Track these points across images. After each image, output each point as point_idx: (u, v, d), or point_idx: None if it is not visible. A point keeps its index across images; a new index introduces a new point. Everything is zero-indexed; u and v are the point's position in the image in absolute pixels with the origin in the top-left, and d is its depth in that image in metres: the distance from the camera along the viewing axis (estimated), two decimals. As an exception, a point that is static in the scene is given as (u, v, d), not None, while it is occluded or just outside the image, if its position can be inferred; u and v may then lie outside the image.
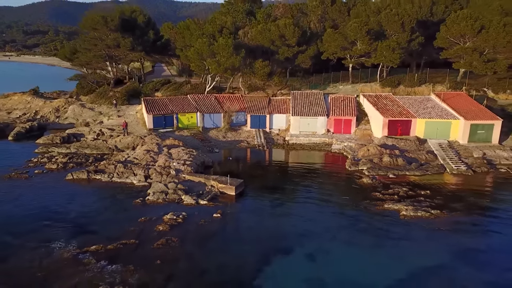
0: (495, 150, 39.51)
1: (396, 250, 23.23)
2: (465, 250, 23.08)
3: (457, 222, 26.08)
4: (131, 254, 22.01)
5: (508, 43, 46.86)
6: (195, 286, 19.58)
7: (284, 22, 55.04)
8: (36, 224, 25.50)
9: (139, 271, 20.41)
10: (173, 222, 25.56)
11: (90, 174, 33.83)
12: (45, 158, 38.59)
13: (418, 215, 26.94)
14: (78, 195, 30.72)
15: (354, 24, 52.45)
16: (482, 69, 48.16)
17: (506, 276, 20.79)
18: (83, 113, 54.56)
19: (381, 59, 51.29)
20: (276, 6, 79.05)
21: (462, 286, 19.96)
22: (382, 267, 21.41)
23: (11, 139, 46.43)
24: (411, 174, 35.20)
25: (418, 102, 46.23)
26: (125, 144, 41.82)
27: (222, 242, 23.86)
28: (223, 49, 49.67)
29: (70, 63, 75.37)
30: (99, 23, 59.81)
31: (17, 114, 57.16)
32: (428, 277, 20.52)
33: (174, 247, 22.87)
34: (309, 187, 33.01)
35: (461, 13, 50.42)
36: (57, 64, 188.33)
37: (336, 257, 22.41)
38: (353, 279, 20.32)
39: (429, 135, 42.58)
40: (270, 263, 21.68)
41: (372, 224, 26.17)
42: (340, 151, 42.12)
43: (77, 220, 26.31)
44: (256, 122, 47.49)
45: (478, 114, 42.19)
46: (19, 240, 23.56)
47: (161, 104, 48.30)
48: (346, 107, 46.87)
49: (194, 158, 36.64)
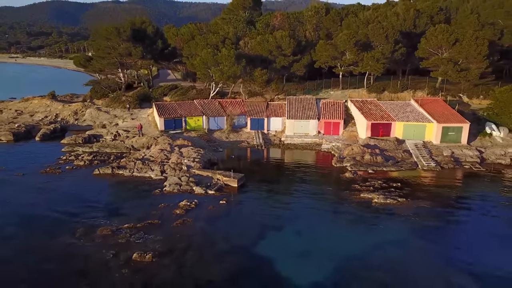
0: (463, 149, 45.49)
1: (366, 228, 29.20)
2: (419, 228, 29.05)
3: (417, 208, 32.05)
4: (156, 230, 27.97)
5: (479, 55, 52.81)
6: (207, 253, 25.50)
7: (280, 34, 61.01)
8: (77, 208, 31.49)
9: (163, 242, 26.37)
10: (187, 207, 31.55)
11: (114, 169, 39.79)
12: (72, 156, 44.58)
13: (387, 202, 32.93)
14: (106, 187, 36.76)
15: (344, 36, 58.47)
16: (456, 77, 54.13)
17: (449, 247, 26.73)
18: (100, 116, 60.53)
19: (367, 68, 57.27)
20: (274, 16, 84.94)
21: (413, 254, 25.89)
22: (353, 240, 27.37)
23: (38, 139, 52.37)
24: (387, 169, 41.21)
25: (398, 107, 52.20)
26: (140, 144, 47.80)
27: (227, 222, 29.86)
28: (226, 59, 55.62)
29: (84, 69, 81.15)
30: (112, 33, 65.67)
31: (39, 116, 63.13)
32: (388, 246, 26.48)
33: (189, 226, 28.85)
34: (300, 180, 38.99)
35: (438, 27, 56.33)
36: (63, 67, 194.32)
37: (319, 233, 28.34)
38: (330, 248, 26.23)
39: (407, 136, 48.57)
40: (266, 237, 27.67)
41: (349, 209, 32.15)
42: (328, 150, 48.12)
43: (109, 206, 32.31)
44: (255, 125, 53.46)
45: (450, 117, 48.18)
46: (67, 219, 29.58)
47: (171, 108, 54.29)
48: (335, 111, 52.86)
49: (202, 156, 42.63)
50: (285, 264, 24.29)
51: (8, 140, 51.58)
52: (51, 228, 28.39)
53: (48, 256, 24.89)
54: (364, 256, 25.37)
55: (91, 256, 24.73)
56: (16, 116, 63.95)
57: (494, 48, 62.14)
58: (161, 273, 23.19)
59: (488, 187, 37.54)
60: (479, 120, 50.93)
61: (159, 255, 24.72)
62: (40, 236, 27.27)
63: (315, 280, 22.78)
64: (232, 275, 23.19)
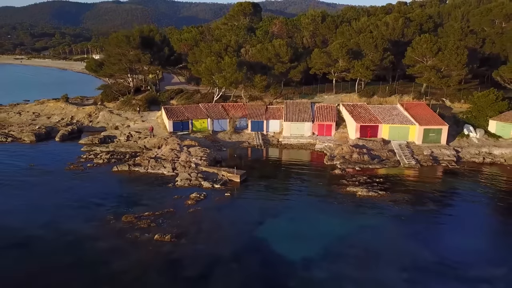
0: (441, 149, 50.73)
1: (349, 215, 34.44)
2: (393, 215, 34.28)
3: (394, 199, 37.27)
4: (172, 217, 33.18)
5: (459, 63, 58.03)
6: (215, 235, 30.67)
7: (279, 43, 66.27)
8: (102, 200, 36.72)
9: (179, 226, 31.58)
10: (197, 199, 36.77)
11: (130, 167, 45.03)
12: (92, 155, 49.83)
13: (369, 194, 38.15)
14: (125, 182, 42.01)
15: (336, 45, 63.76)
16: (438, 83, 59.39)
17: (416, 230, 31.95)
18: (112, 118, 65.78)
19: (357, 75, 62.54)
20: (274, 23, 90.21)
21: (385, 235, 31.11)
22: (337, 225, 32.56)
23: (58, 140, 57.61)
24: (372, 167, 46.46)
25: (385, 110, 57.43)
26: (152, 144, 53.05)
27: (231, 211, 35.09)
28: (228, 66, 60.88)
29: (95, 74, 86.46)
30: (122, 41, 70.98)
31: (56, 119, 68.41)
32: (365, 229, 31.71)
33: (200, 213, 34.07)
34: (295, 176, 44.24)
35: (423, 37, 61.57)
36: (69, 68, 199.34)
37: (309, 219, 33.55)
38: (318, 231, 31.41)
39: (392, 137, 53.80)
40: (264, 222, 32.93)
41: (336, 200, 37.35)
42: (321, 150, 53.36)
43: (129, 197, 37.53)
44: (255, 126, 58.70)
45: (431, 120, 53.42)
46: (95, 208, 34.84)
47: (178, 112, 59.53)
48: (328, 114, 58.11)
49: (208, 155, 47.87)
50: (280, 244, 29.52)
51: (31, 140, 56.80)
52: (83, 215, 33.63)
53: (84, 236, 30.10)
54: (345, 237, 30.63)
55: (120, 236, 29.98)
56: (34, 118, 69.22)
57: (475, 55, 67.51)
58: (178, 250, 28.44)
59: (459, 182, 42.79)
60: (458, 122, 56.17)
61: (176, 237, 29.94)
62: (74, 222, 32.48)
63: (304, 255, 27.98)
64: (237, 252, 28.42)
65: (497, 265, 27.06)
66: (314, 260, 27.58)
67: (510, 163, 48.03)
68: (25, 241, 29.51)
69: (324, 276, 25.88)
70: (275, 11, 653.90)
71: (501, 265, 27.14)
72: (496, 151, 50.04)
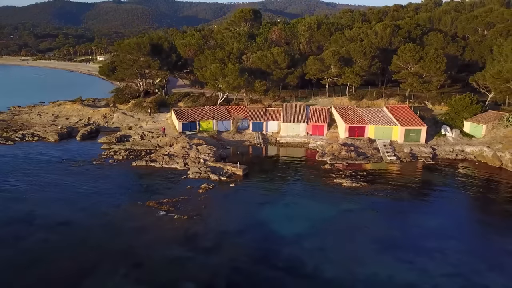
0: (420, 147, 57.47)
1: (335, 200, 41.22)
2: (371, 202, 41.03)
3: (373, 189, 44.06)
4: (186, 202, 39.91)
5: (438, 70, 64.74)
6: (222, 216, 37.44)
7: (277, 51, 72.98)
8: (126, 189, 43.53)
9: (193, 210, 38.31)
10: (207, 188, 43.52)
11: (147, 162, 51.76)
12: (112, 152, 56.56)
13: (353, 185, 44.91)
14: (144, 175, 48.70)
15: (329, 53, 70.48)
16: (420, 88, 66.16)
17: (388, 212, 38.70)
18: (126, 119, 72.52)
19: (347, 80, 69.26)
20: (272, 30, 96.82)
21: (363, 216, 37.86)
22: (323, 209, 39.32)
23: (79, 139, 64.36)
24: (358, 162, 53.19)
25: (372, 113, 64.16)
26: (164, 143, 59.76)
27: (236, 198, 41.83)
28: (231, 72, 67.56)
29: (107, 78, 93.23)
30: (134, 48, 77.73)
31: (74, 120, 75.17)
32: (347, 212, 38.50)
33: (210, 200, 40.81)
34: (290, 170, 51.01)
35: (407, 46, 68.30)
36: (75, 70, 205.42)
37: (300, 204, 40.29)
38: (307, 214, 38.15)
39: (378, 137, 60.53)
40: (263, 207, 39.68)
41: (324, 190, 44.13)
42: (314, 147, 60.08)
43: (149, 187, 44.28)
44: (256, 127, 65.41)
45: (411, 121, 60.17)
46: (122, 195, 41.61)
47: (186, 114, 66.27)
48: (321, 116, 64.84)
49: (214, 152, 54.60)
50: (276, 223, 36.31)
51: (55, 139, 63.52)
52: (114, 201, 40.43)
53: (117, 217, 36.85)
54: (329, 218, 37.45)
55: (146, 217, 36.75)
56: (54, 119, 76.02)
57: (456, 62, 74.46)
58: (194, 227, 35.20)
59: (432, 175, 49.58)
60: (437, 123, 62.88)
61: (192, 217, 36.72)
62: (106, 206, 39.26)
63: (295, 231, 34.76)
64: (240, 228, 35.21)
65: (452, 239, 33.81)
66: (303, 235, 34.36)
67: (478, 159, 54.77)
68: (70, 220, 36.33)
69: (310, 246, 32.66)
70: (275, 11, 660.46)
71: (455, 239, 33.91)
72: (467, 148, 56.79)
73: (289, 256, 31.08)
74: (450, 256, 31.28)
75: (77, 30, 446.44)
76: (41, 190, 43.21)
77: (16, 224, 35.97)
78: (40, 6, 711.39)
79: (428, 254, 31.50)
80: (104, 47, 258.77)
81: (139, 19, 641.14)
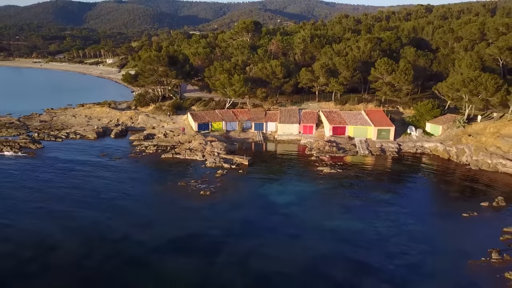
0: (388, 143, 72.04)
1: (316, 182, 55.77)
2: (343, 184, 55.60)
3: (347, 174, 58.65)
4: (207, 183, 54.41)
5: (406, 80, 79.19)
6: (235, 192, 52.03)
7: (275, 63, 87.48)
8: (160, 174, 58.18)
9: (213, 188, 52.87)
10: (222, 174, 58.05)
11: (173, 154, 66.31)
12: (143, 147, 71.06)
13: (331, 172, 59.47)
14: (172, 164, 63.18)
15: (318, 65, 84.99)
16: (391, 96, 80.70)
17: (356, 190, 53.26)
18: (149, 121, 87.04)
19: (333, 89, 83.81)
20: (271, 43, 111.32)
21: (336, 194, 52.42)
22: (307, 188, 53.87)
23: (113, 136, 78.86)
24: (338, 155, 67.75)
25: (352, 115, 78.70)
26: (184, 140, 74.29)
27: (244, 181, 56.39)
28: (237, 82, 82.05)
29: (128, 84, 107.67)
30: (154, 60, 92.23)
31: (105, 121, 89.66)
32: (324, 190, 53.09)
33: (225, 181, 55.34)
34: (285, 161, 65.62)
35: (382, 60, 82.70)
36: (87, 72, 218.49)
37: (291, 184, 54.87)
38: (295, 191, 52.69)
39: (356, 135, 75.05)
40: (263, 187, 54.29)
41: (309, 175, 58.72)
42: (305, 144, 74.61)
43: (177, 173, 58.81)
44: (257, 127, 79.93)
45: (383, 122, 74.73)
46: (158, 178, 56.28)
47: (201, 116, 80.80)
48: (311, 118, 79.37)
49: (225, 147, 69.14)
50: (273, 196, 50.95)
51: (94, 137, 78.00)
52: (153, 182, 55.08)
53: (158, 192, 51.45)
54: (311, 192, 52.20)
55: (180, 192, 51.37)
56: (88, 120, 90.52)
57: (424, 73, 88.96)
58: (214, 199, 49.81)
59: (395, 165, 64.14)
60: (405, 124, 77.44)
61: (212, 193, 51.33)
62: (149, 185, 53.89)
63: (286, 201, 49.40)
64: (248, 199, 49.90)
65: (397, 205, 48.34)
66: (292, 203, 49.05)
67: (433, 152, 69.33)
68: (125, 196, 50.95)
69: (297, 210, 47.26)
70: (274, 11, 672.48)
71: (400, 205, 48.48)
72: (426, 144, 71.37)
73: (282, 215, 45.81)
74: (392, 216, 45.91)
75: (82, 32, 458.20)
76: (101, 176, 57.56)
77: (110, 191, 50.72)
78: (43, 5, 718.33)
79: (377, 214, 46.13)
80: (111, 50, 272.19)
81: (140, 19, 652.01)
